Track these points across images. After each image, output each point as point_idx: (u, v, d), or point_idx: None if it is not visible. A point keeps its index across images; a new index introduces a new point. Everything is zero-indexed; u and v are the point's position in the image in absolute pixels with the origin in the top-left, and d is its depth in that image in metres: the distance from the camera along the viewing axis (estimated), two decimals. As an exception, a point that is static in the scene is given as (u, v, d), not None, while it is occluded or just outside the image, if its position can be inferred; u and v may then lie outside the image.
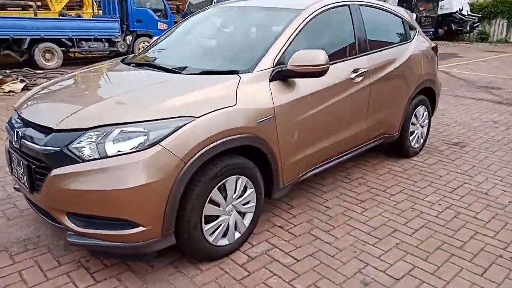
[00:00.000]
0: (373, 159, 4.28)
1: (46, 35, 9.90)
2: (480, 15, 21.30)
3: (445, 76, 10.00)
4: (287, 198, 3.37)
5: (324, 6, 3.19)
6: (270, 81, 2.65)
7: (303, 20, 2.97)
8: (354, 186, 3.65)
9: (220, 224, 2.46)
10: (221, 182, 2.38)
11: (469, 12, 21.19)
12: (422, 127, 4.42)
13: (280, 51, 2.75)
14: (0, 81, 7.52)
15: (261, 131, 2.53)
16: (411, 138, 4.24)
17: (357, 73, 3.27)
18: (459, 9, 20.64)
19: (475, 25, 21.08)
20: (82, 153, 2.08)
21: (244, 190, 2.57)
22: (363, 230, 2.92)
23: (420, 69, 4.08)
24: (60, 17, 11.45)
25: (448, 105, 6.84)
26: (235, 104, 2.40)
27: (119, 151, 2.07)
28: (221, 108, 2.33)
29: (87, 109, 2.25)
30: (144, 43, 11.98)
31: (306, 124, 2.88)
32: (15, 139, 2.36)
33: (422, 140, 4.45)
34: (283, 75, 2.70)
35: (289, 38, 2.83)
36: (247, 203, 2.62)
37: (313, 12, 3.07)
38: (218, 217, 2.44)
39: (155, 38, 3.73)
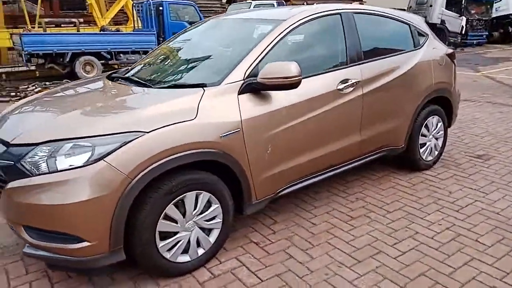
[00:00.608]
0: (379, 172, 4.02)
1: (86, 49, 10.45)
2: (542, 15, 19.69)
3: (489, 81, 9.29)
4: (274, 212, 3.24)
5: (308, 16, 3.05)
6: (239, 94, 2.56)
7: (282, 31, 2.86)
8: (350, 201, 3.43)
9: (179, 241, 2.39)
10: (178, 198, 2.31)
11: (529, 13, 19.66)
12: (436, 138, 4.09)
13: (252, 63, 2.66)
14: (39, 92, 8.02)
15: (226, 145, 2.43)
16: (421, 150, 3.93)
17: (347, 84, 3.08)
18: (517, 9, 19.22)
19: (535, 26, 19.52)
20: (33, 167, 2.11)
21: (208, 206, 2.49)
22: (344, 250, 2.72)
23: (429, 78, 3.78)
24: (100, 32, 12.06)
25: (484, 113, 6.31)
26: (194, 118, 2.34)
27: (70, 165, 2.08)
28: (177, 123, 2.27)
29: (43, 123, 2.29)
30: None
31: (283, 138, 2.75)
32: None
33: (436, 153, 4.12)
34: (254, 88, 2.60)
35: (264, 50, 2.73)
36: (213, 218, 2.53)
37: (294, 23, 2.95)
38: (176, 233, 2.38)
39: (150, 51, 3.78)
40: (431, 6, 18.03)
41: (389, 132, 3.55)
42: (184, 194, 2.34)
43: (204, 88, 2.51)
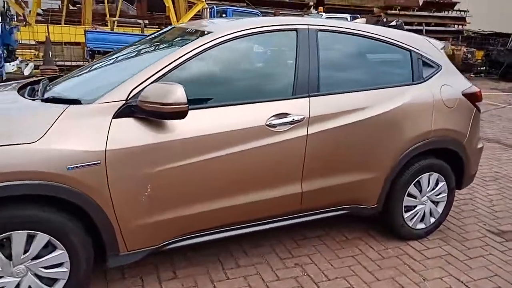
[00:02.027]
0: (352, 232, 3.22)
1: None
2: None
3: None
4: (184, 263, 2.68)
5: (245, 30, 2.47)
6: (115, 117, 2.08)
7: (199, 47, 2.32)
8: (285, 267, 2.73)
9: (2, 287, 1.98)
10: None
11: None
12: (436, 202, 3.17)
13: (144, 82, 2.17)
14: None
15: (74, 179, 1.97)
16: (406, 215, 3.05)
17: (284, 120, 2.43)
18: None
19: None
20: None
21: (51, 250, 2.04)
22: (221, 338, 2.08)
23: (426, 123, 2.91)
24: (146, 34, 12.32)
25: (547, 174, 4.98)
26: (35, 141, 1.91)
27: None
28: (7, 145, 1.87)
29: None
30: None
31: (174, 179, 2.21)
32: None
33: (433, 220, 3.19)
34: (133, 112, 2.11)
35: (165, 67, 2.23)
36: (58, 266, 2.07)
37: (221, 37, 2.39)
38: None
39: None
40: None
41: (352, 187, 2.78)
42: (9, 233, 1.92)
43: (72, 105, 2.08)
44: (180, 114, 2.04)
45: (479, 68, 16.22)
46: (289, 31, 2.59)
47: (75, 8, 19.32)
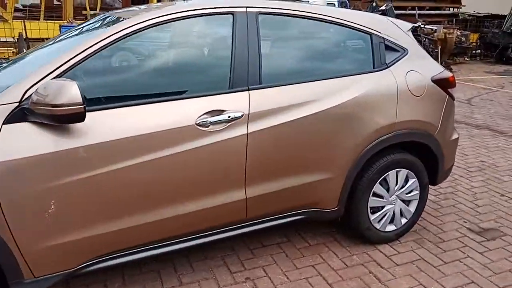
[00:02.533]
0: (315, 237, 2.91)
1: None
2: None
3: None
4: (117, 283, 2.38)
5: (169, 15, 2.13)
6: (5, 122, 1.76)
7: (106, 38, 1.98)
8: (234, 282, 2.42)
9: None
10: None
11: None
12: (407, 201, 2.85)
13: (41, 79, 1.84)
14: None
15: (-44, 199, 1.66)
16: (373, 217, 2.74)
17: (218, 118, 2.11)
18: None
19: None
20: None
21: None
22: None
23: (388, 114, 2.57)
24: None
25: (537, 161, 4.67)
26: None
27: None
28: None
29: None
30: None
31: (83, 192, 1.89)
32: None
33: (404, 221, 2.88)
34: (27, 115, 1.79)
35: (66, 62, 1.90)
36: None
37: (134, 25, 2.04)
38: None
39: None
40: None
41: (306, 189, 2.47)
42: None
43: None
44: (77, 116, 1.72)
45: (473, 52, 15.79)
46: (223, 15, 2.25)
47: (59, 2, 18.91)
